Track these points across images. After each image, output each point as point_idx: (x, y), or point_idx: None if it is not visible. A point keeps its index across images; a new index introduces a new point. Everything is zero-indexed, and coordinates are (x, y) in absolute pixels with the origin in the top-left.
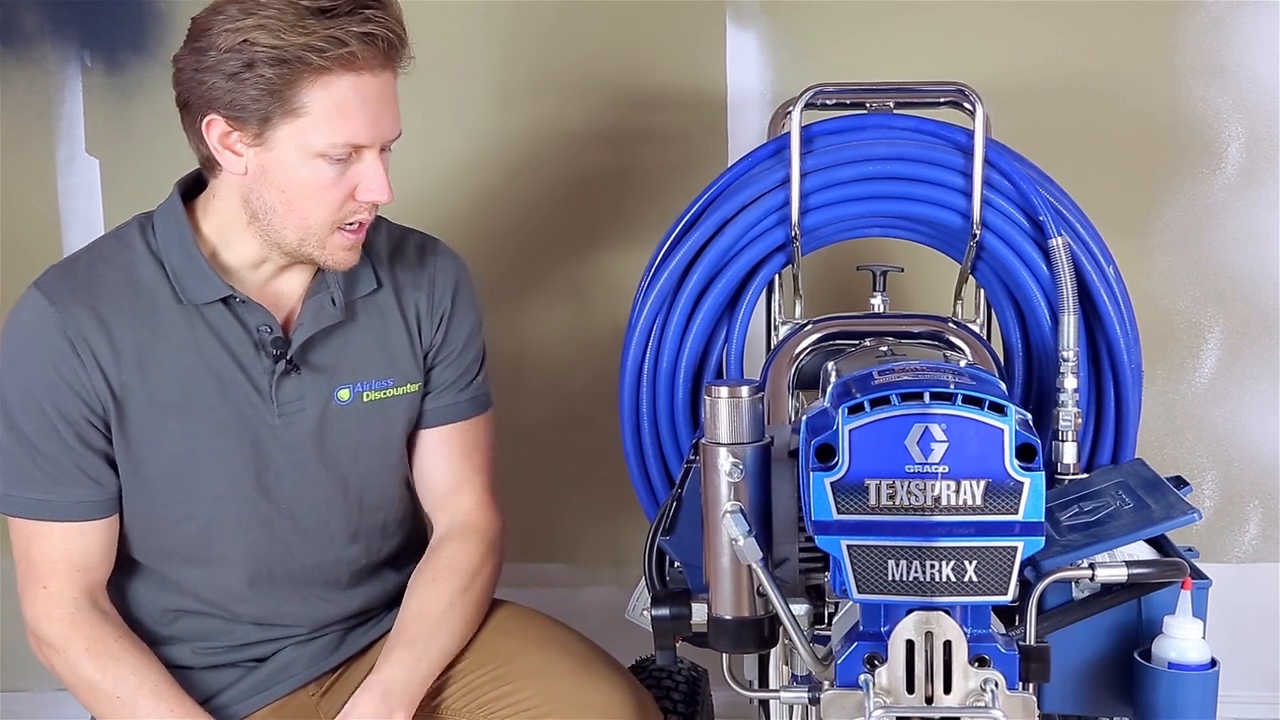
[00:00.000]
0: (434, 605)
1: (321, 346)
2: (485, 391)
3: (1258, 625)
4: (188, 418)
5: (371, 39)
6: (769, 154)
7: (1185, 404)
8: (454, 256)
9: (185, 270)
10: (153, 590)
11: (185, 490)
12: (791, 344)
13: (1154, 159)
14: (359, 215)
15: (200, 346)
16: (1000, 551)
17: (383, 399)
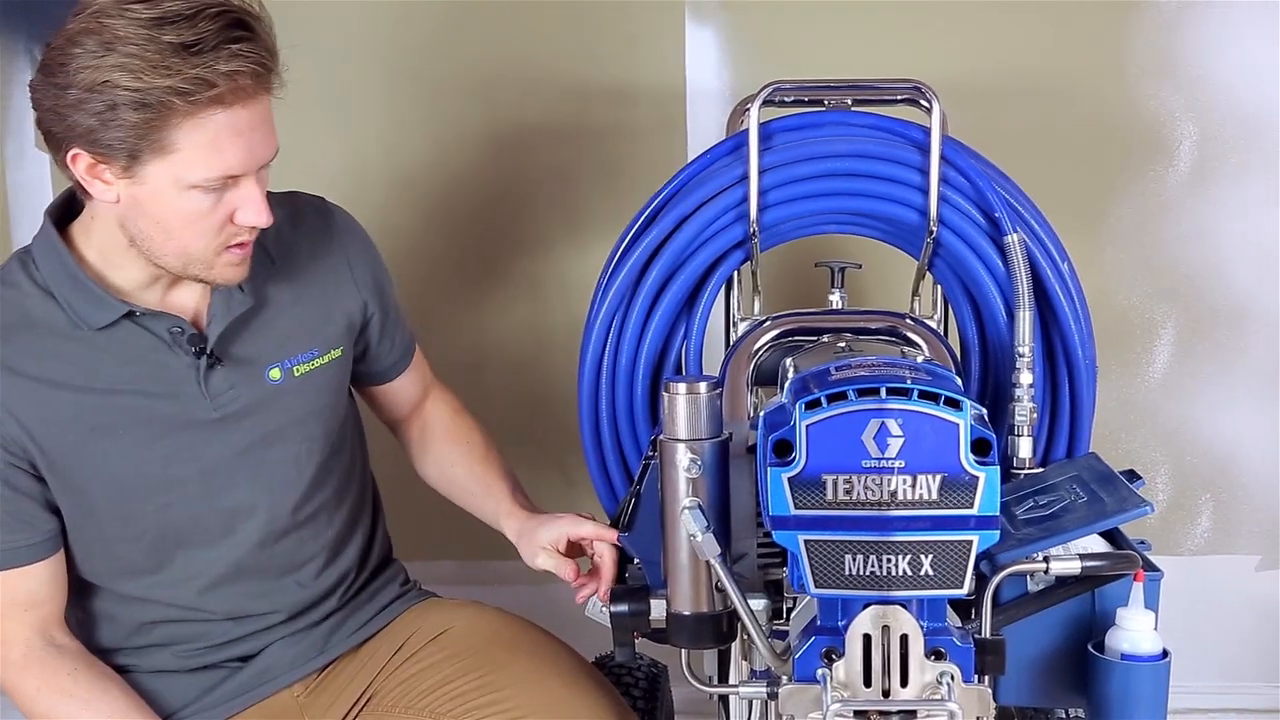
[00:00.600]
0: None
1: (240, 334)
2: (409, 327)
3: (1209, 617)
4: (118, 437)
5: (239, 75)
6: (727, 151)
7: (1139, 399)
8: (345, 213)
9: (77, 298)
10: (121, 607)
11: (134, 507)
12: (750, 340)
13: (1107, 157)
14: (240, 237)
15: (112, 368)
16: (956, 545)
17: (312, 370)
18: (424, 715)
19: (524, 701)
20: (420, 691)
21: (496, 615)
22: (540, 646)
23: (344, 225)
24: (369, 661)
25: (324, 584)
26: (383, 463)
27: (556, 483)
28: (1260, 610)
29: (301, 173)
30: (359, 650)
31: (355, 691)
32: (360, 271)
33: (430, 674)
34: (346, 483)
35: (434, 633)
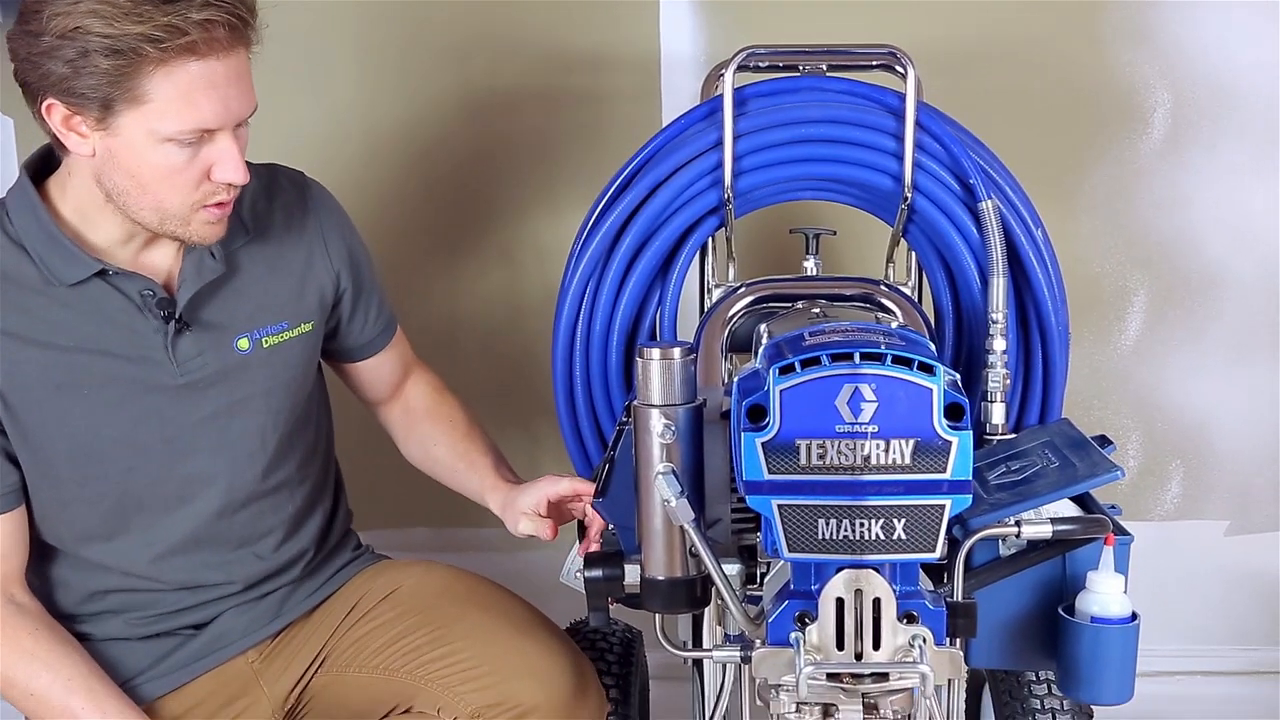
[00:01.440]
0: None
1: (211, 300)
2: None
3: (1179, 581)
4: (82, 397)
5: (213, 25)
6: (702, 116)
7: (1111, 366)
8: (324, 188)
9: (50, 252)
10: (75, 573)
11: (94, 469)
12: (724, 307)
13: (1082, 124)
14: (218, 196)
15: (81, 326)
16: (928, 509)
17: (281, 342)
18: (378, 673)
19: (476, 653)
20: (373, 650)
21: (447, 571)
22: (492, 599)
23: (320, 199)
24: (321, 624)
25: (282, 558)
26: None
27: (531, 449)
28: (1229, 575)
29: (274, 138)
30: (311, 615)
31: (309, 655)
32: (335, 246)
33: (382, 632)
34: (310, 459)
35: (384, 592)
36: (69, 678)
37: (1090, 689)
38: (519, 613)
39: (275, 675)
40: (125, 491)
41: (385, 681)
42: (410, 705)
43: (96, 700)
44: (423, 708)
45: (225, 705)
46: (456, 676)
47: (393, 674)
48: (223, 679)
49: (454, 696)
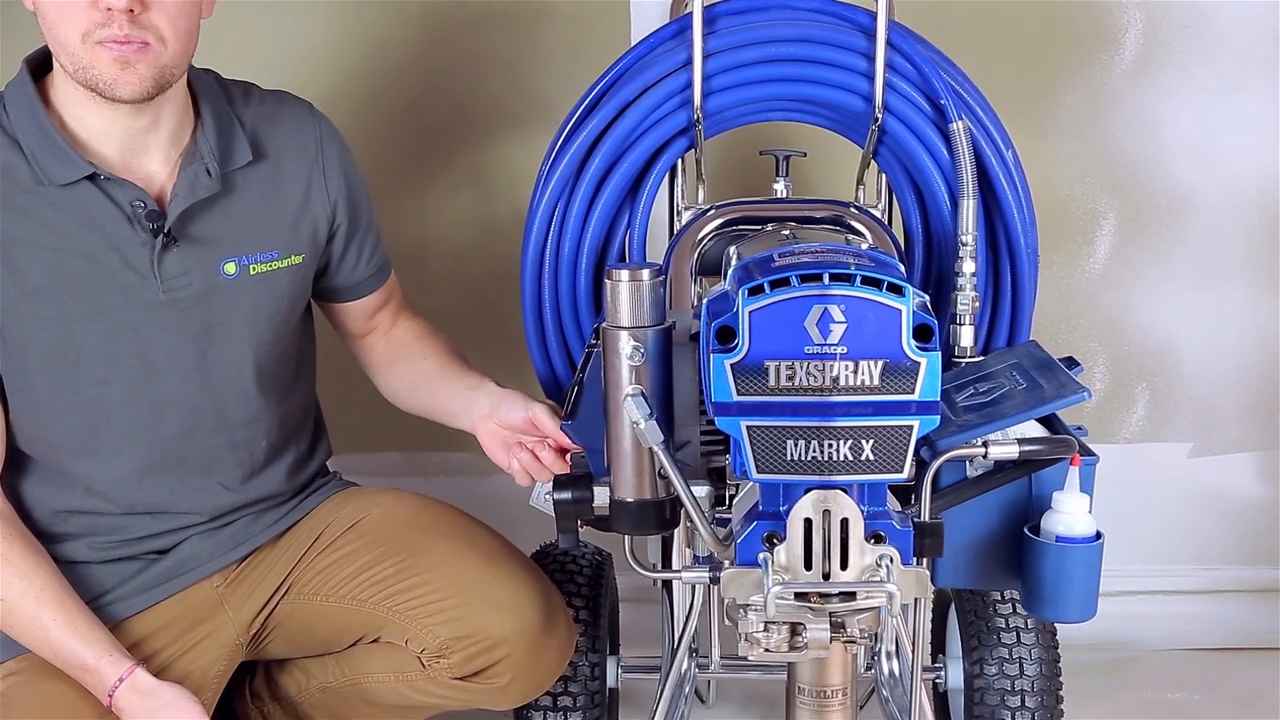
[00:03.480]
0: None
1: (201, 218)
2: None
3: (1142, 503)
4: (62, 303)
5: None
6: (671, 35)
7: (1079, 289)
8: (330, 122)
9: (43, 150)
10: (42, 489)
11: (67, 378)
12: (694, 229)
13: (1053, 44)
14: (108, 29)
15: (68, 229)
16: (896, 430)
17: (269, 271)
18: (345, 602)
19: (444, 586)
20: (341, 579)
21: (414, 500)
22: (460, 529)
23: (326, 132)
24: (287, 552)
25: (249, 494)
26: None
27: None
28: (1191, 496)
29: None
30: (277, 541)
31: (274, 582)
32: (334, 180)
33: (349, 561)
34: (288, 396)
35: (351, 520)
36: (41, 588)
37: (1054, 608)
38: (487, 542)
39: (240, 600)
40: (97, 405)
41: (354, 612)
42: (378, 635)
43: (68, 613)
44: (391, 638)
45: (190, 629)
46: (424, 609)
47: (361, 604)
48: (188, 603)
49: (422, 629)
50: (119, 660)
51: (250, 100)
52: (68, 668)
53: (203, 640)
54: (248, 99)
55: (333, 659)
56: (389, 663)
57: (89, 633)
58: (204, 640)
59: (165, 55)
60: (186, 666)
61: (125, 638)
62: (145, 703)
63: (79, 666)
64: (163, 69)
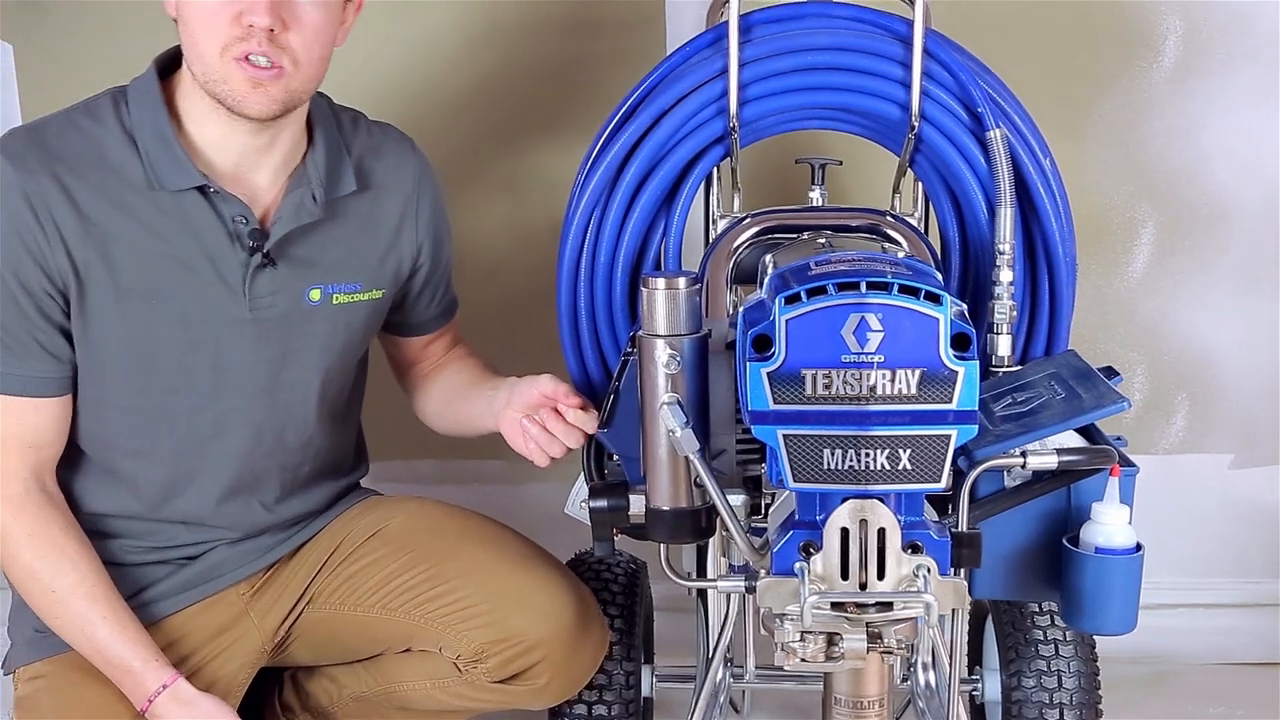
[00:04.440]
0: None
1: (299, 243)
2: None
3: (1183, 514)
4: (150, 306)
5: None
6: (707, 43)
7: (1118, 297)
8: (426, 158)
9: (159, 154)
10: (89, 486)
11: (140, 379)
12: (730, 237)
13: (1092, 51)
14: (248, 44)
15: (169, 234)
16: (934, 440)
17: (350, 302)
18: (374, 611)
19: (476, 590)
20: (368, 588)
21: (437, 507)
22: (487, 534)
23: (424, 173)
24: (306, 561)
25: (285, 513)
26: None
27: None
28: (1232, 508)
29: None
30: (297, 551)
31: (296, 591)
32: (424, 221)
33: (375, 570)
34: (340, 425)
35: (371, 530)
36: (93, 584)
37: (1093, 619)
38: (516, 546)
39: (264, 609)
40: (162, 411)
41: (383, 621)
42: (408, 644)
43: (116, 613)
44: (422, 646)
45: (217, 635)
46: (457, 615)
47: (391, 613)
48: (215, 609)
49: (455, 635)
50: (162, 667)
51: (358, 130)
52: (107, 667)
53: (230, 647)
54: (355, 128)
55: (363, 667)
56: (424, 669)
57: (136, 635)
58: (231, 647)
59: (296, 79)
60: (215, 672)
61: (155, 640)
62: (184, 711)
63: (121, 668)
64: (292, 93)
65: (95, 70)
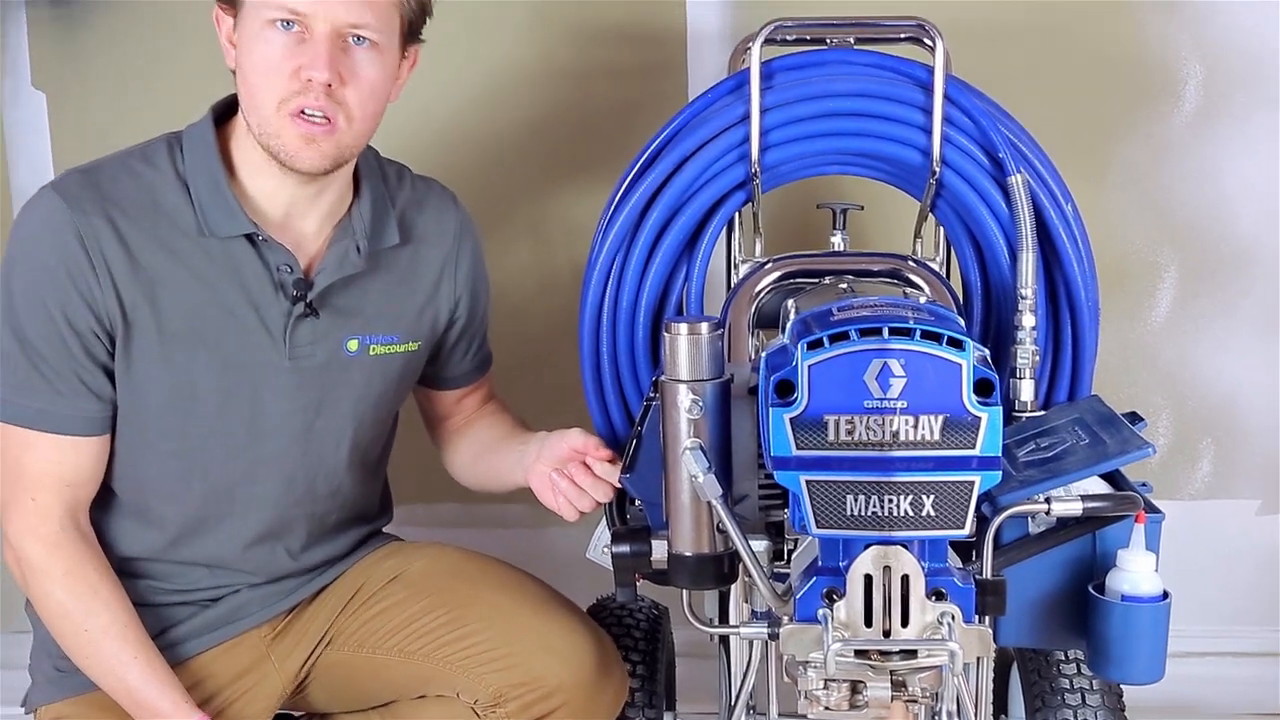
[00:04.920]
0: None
1: (341, 293)
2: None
3: (1209, 561)
4: (193, 351)
5: None
6: (729, 90)
7: (1141, 342)
8: (469, 214)
9: (211, 201)
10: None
11: (178, 423)
12: (752, 282)
13: (1112, 97)
14: (305, 98)
15: (216, 280)
16: (958, 486)
17: (387, 354)
18: (392, 654)
19: (495, 635)
20: (387, 631)
21: (457, 552)
22: (506, 579)
23: (465, 227)
24: (326, 604)
25: (309, 560)
26: None
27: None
28: (1260, 555)
29: None
30: (319, 594)
31: (316, 634)
32: (463, 275)
33: (394, 613)
34: (369, 475)
35: (393, 574)
36: (125, 625)
37: (1120, 668)
38: (535, 591)
39: (285, 652)
40: (197, 455)
41: (401, 664)
42: (425, 689)
43: (148, 655)
44: (439, 691)
45: (238, 677)
46: (476, 658)
47: (409, 656)
48: (236, 652)
49: (475, 679)
50: (191, 710)
51: (403, 183)
52: (136, 709)
53: (252, 689)
54: (400, 181)
55: (378, 714)
56: (441, 714)
57: (165, 678)
58: (253, 689)
59: (349, 135)
60: (237, 715)
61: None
62: None
63: (150, 710)
64: (343, 148)
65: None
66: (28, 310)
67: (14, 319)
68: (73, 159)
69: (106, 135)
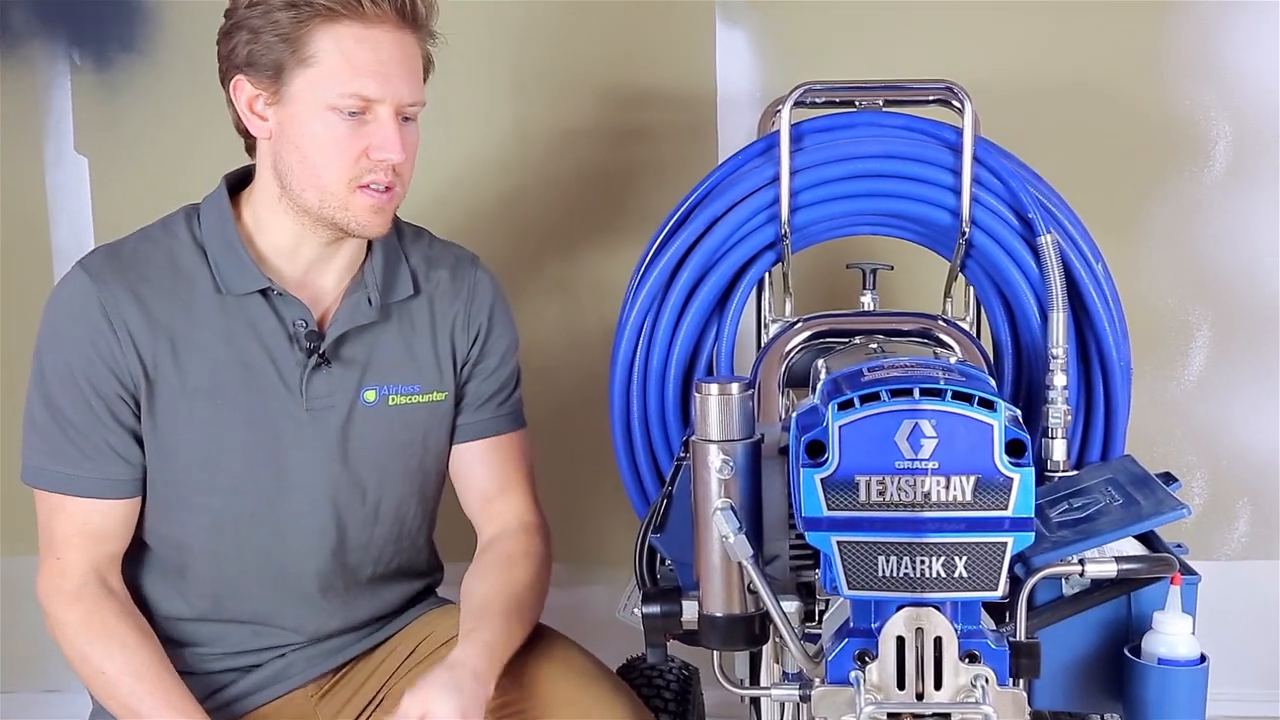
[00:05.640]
0: (498, 598)
1: (353, 343)
2: (521, 410)
3: (1248, 623)
4: (216, 406)
5: (381, 2)
6: (759, 152)
7: (1174, 401)
8: (492, 276)
9: (226, 260)
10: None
11: (206, 478)
12: (782, 342)
13: (1142, 157)
14: (374, 175)
15: (233, 336)
16: (990, 547)
17: (408, 404)
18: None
19: (538, 704)
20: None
21: None
22: (554, 648)
23: (482, 282)
24: (383, 663)
25: (352, 616)
26: None
27: (588, 485)
28: None
29: None
30: (372, 653)
31: (369, 693)
32: (476, 319)
33: None
34: (408, 528)
35: (447, 636)
36: (141, 663)
37: None
38: (579, 662)
39: (333, 711)
40: (226, 509)
41: None
42: None
43: (165, 691)
44: None
45: None
46: None
47: None
48: (282, 714)
49: None
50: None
51: (419, 241)
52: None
53: None
54: (417, 239)
55: None
56: None
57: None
58: None
59: (400, 196)
60: None
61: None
62: None
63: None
64: (396, 208)
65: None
66: (56, 379)
67: (44, 388)
68: (112, 220)
69: (145, 198)
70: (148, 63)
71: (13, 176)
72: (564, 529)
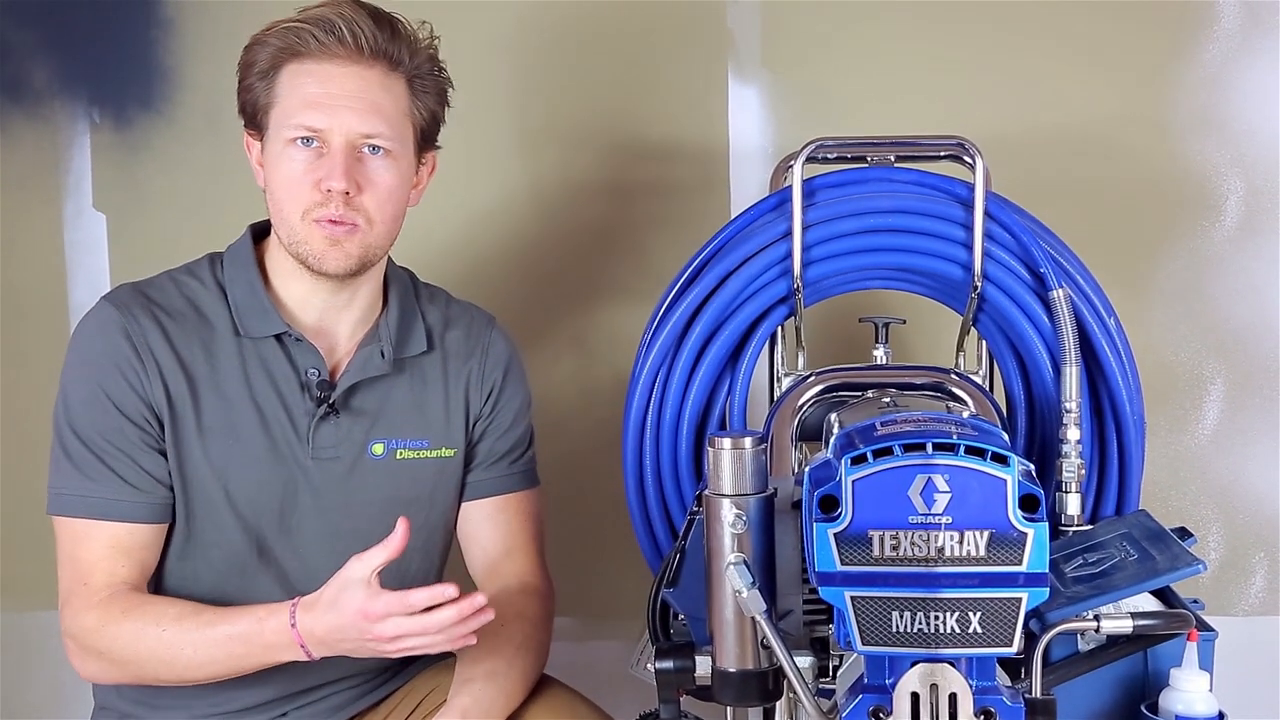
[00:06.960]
0: (485, 659)
1: (363, 395)
2: (534, 469)
3: (1265, 679)
4: (229, 445)
5: (331, 27)
6: (771, 207)
7: (1188, 455)
8: (508, 336)
9: (247, 304)
10: None
11: (218, 516)
12: (794, 396)
13: (1153, 212)
14: (325, 209)
15: (249, 378)
16: (1005, 603)
17: (416, 459)
18: None
19: None
20: None
21: None
22: (558, 702)
23: (497, 341)
24: (388, 717)
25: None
26: None
27: (601, 538)
28: None
29: None
30: (378, 706)
31: None
32: (490, 376)
33: None
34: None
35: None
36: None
37: None
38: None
39: None
40: (233, 551)
41: None
42: None
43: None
44: None
45: None
46: None
47: None
48: None
49: None
50: (276, 606)
51: (436, 300)
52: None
53: None
54: (433, 298)
55: None
56: None
57: (243, 608)
58: None
59: (370, 236)
60: None
61: None
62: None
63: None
64: (368, 248)
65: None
66: (81, 404)
67: (70, 415)
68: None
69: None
70: (165, 121)
71: (32, 233)
72: (576, 582)
